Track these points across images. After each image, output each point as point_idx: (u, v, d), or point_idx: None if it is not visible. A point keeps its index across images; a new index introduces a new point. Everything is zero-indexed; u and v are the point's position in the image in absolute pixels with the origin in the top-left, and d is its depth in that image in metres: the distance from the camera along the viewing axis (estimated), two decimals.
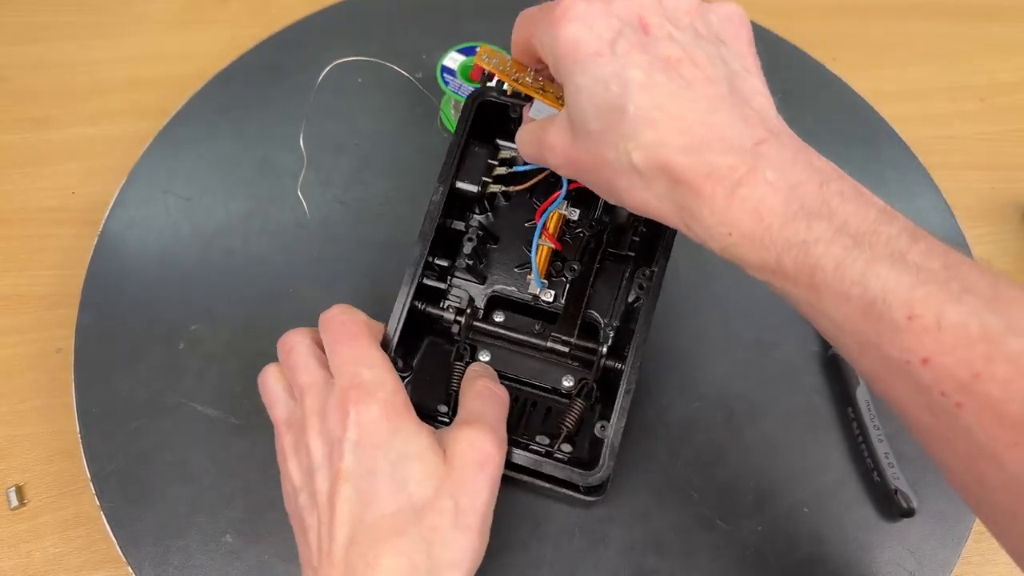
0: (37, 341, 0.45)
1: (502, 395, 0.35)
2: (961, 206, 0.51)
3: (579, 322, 0.39)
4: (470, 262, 0.39)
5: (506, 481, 0.33)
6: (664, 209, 0.28)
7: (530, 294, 0.41)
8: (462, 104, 0.39)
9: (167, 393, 0.41)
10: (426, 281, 0.38)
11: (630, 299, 0.39)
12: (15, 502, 0.40)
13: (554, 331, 0.39)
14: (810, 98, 0.55)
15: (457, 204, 0.39)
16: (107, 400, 0.41)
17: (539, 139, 0.32)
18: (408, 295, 0.36)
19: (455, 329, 0.39)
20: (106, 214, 0.47)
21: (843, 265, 0.24)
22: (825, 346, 0.45)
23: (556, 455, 0.36)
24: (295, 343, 0.33)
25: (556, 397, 0.40)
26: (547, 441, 0.38)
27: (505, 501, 0.34)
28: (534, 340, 0.39)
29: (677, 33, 0.28)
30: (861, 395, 0.42)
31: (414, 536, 0.28)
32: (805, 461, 0.41)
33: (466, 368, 0.38)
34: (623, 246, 0.41)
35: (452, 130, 0.42)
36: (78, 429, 0.40)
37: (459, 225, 0.40)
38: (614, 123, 0.27)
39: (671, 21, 0.28)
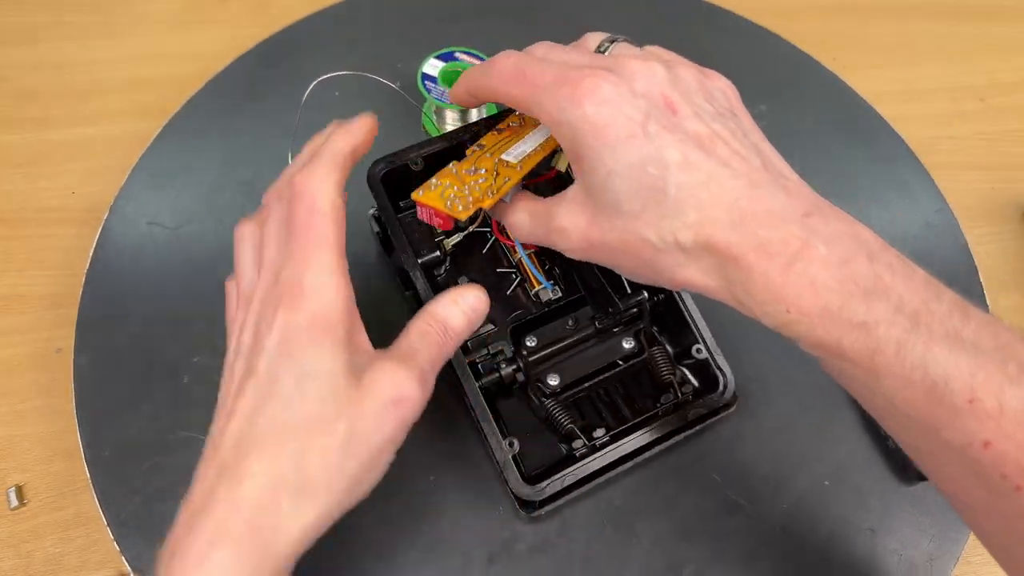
0: (37, 341, 0.45)
1: (450, 348, 0.32)
2: (961, 206, 0.51)
3: (610, 290, 0.39)
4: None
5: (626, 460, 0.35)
6: (712, 284, 0.27)
7: (539, 303, 0.41)
8: (444, 110, 0.37)
9: (177, 429, 0.40)
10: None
11: None
12: (15, 502, 0.40)
13: (595, 313, 0.40)
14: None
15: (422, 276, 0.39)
16: (116, 442, 0.40)
17: (546, 224, 0.31)
18: (485, 411, 0.36)
19: (520, 378, 0.38)
20: (106, 214, 0.47)
21: (904, 348, 0.24)
22: None
23: (683, 401, 0.38)
24: (242, 236, 0.32)
25: (630, 363, 0.40)
26: (670, 397, 0.39)
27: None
28: (582, 334, 0.40)
29: (700, 111, 0.28)
30: None
31: (294, 451, 0.27)
32: (821, 436, 0.42)
33: (541, 393, 0.39)
34: None
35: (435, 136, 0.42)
36: (88, 474, 0.39)
37: None
38: (653, 204, 0.27)
39: (691, 99, 0.28)
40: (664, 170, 0.27)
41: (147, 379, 0.42)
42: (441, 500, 0.39)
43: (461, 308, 0.32)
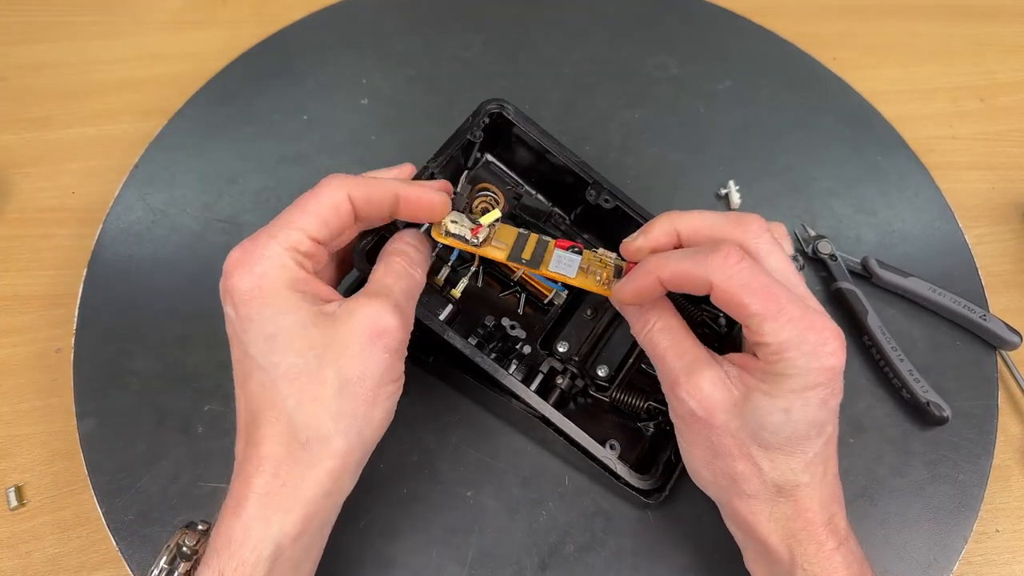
0: (37, 341, 0.45)
1: (418, 276, 0.33)
2: (961, 206, 0.51)
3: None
4: (525, 351, 0.39)
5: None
6: (769, 528, 0.31)
7: (553, 307, 0.41)
8: None
9: (199, 482, 0.39)
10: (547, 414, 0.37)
11: None
12: (15, 502, 0.40)
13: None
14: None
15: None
16: (139, 505, 0.39)
17: (685, 366, 0.31)
18: (573, 427, 0.36)
19: (579, 383, 0.39)
20: (106, 214, 0.47)
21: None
22: (827, 282, 0.47)
23: (724, 332, 0.40)
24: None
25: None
26: (713, 328, 0.40)
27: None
28: (605, 318, 0.40)
29: None
30: (873, 322, 0.44)
31: (291, 407, 0.28)
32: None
33: None
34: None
35: None
36: (116, 545, 0.38)
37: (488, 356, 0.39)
38: (787, 452, 0.30)
39: None
40: (817, 441, 0.30)
41: (162, 439, 0.42)
42: (482, 514, 0.39)
43: (401, 249, 0.33)
